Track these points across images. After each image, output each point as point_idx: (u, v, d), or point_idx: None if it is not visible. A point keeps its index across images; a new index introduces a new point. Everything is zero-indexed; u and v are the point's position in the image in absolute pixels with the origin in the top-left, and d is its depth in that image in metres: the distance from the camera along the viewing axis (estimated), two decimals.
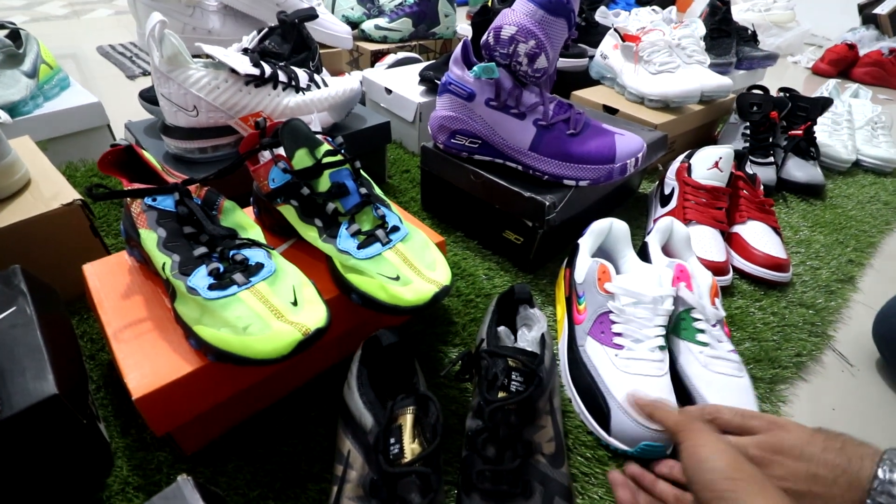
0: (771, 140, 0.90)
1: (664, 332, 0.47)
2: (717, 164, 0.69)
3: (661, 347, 0.46)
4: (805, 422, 0.36)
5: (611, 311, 0.47)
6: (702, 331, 0.48)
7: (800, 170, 0.90)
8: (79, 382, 0.40)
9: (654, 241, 0.56)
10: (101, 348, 0.51)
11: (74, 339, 0.46)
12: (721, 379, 0.46)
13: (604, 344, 0.47)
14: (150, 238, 0.39)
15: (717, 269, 0.64)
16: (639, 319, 0.46)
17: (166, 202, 0.40)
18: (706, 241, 0.67)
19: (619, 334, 0.46)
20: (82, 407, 0.38)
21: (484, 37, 0.58)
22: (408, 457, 0.33)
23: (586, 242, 0.56)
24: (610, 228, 0.57)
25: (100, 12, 1.95)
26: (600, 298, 0.48)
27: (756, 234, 0.69)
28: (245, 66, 0.59)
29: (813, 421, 0.41)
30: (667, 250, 0.58)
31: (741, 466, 0.29)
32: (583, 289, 0.51)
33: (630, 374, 0.44)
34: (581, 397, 0.47)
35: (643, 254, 0.57)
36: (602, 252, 0.58)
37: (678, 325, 0.49)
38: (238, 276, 0.37)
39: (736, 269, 0.69)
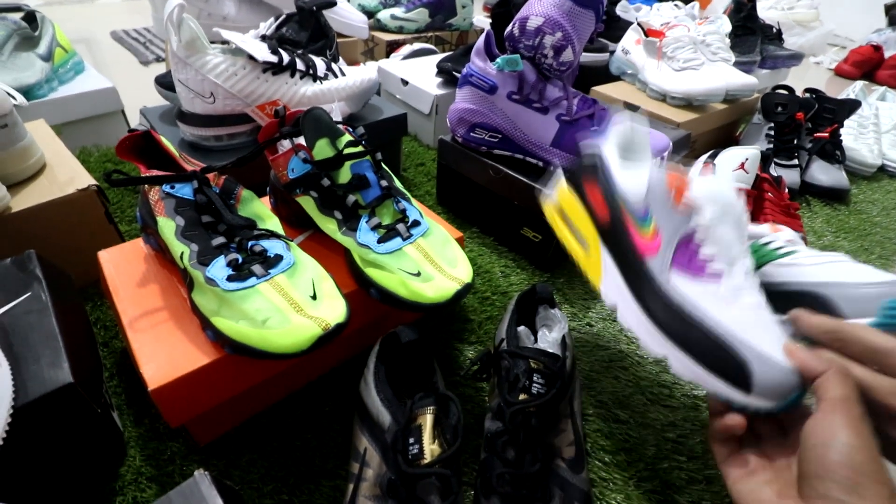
0: (796, 142, 0.88)
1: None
2: (742, 165, 0.67)
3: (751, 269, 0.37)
4: None
5: (695, 232, 0.35)
6: (780, 247, 0.44)
7: (824, 173, 0.88)
8: (94, 371, 0.40)
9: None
10: (115, 336, 0.51)
11: (89, 327, 0.46)
12: (837, 265, 0.41)
13: (698, 276, 0.34)
14: (168, 226, 0.38)
15: None
16: (729, 238, 0.35)
17: (184, 190, 0.39)
18: None
19: (709, 260, 0.34)
20: (97, 396, 0.37)
21: (508, 28, 0.56)
22: (427, 458, 0.33)
23: (611, 152, 0.42)
24: (632, 131, 0.44)
25: None
26: (678, 217, 0.35)
27: None
28: (263, 53, 0.58)
29: None
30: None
31: (877, 467, 0.24)
32: (646, 205, 0.37)
33: (748, 310, 0.33)
34: (696, 357, 0.32)
35: None
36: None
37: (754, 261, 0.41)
38: (257, 268, 0.36)
39: None
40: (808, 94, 0.95)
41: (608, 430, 0.46)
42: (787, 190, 0.73)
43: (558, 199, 0.44)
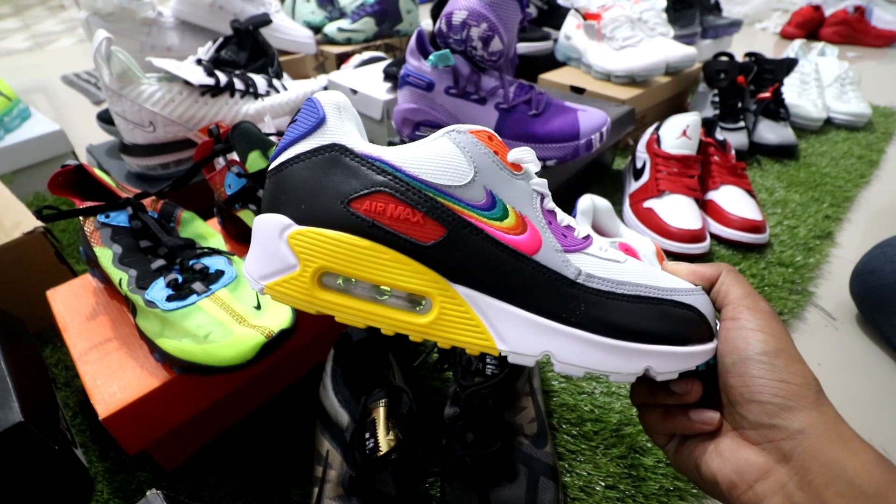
0: (740, 105, 0.91)
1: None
2: (684, 132, 0.69)
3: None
4: None
5: (544, 198, 0.25)
6: None
7: (771, 132, 0.90)
8: (48, 409, 0.39)
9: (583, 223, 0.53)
10: (76, 375, 0.50)
11: (43, 368, 0.46)
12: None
13: (582, 248, 0.25)
14: (105, 255, 0.38)
15: (693, 237, 0.64)
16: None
17: (120, 218, 0.39)
18: (681, 211, 0.66)
19: (572, 225, 0.26)
20: (52, 433, 0.37)
21: (436, 24, 0.57)
22: (383, 450, 0.33)
23: (347, 132, 0.26)
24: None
25: (63, 42, 1.92)
26: (525, 186, 0.25)
27: (730, 198, 0.69)
28: (198, 76, 0.58)
29: None
30: (597, 229, 0.56)
31: (798, 367, 0.21)
32: (483, 187, 0.23)
33: (631, 258, 0.26)
34: (669, 339, 0.23)
35: None
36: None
37: None
38: (197, 286, 0.36)
39: (713, 236, 0.69)
40: (747, 58, 0.98)
41: (573, 402, 0.46)
42: (733, 152, 0.75)
43: (308, 256, 0.22)
